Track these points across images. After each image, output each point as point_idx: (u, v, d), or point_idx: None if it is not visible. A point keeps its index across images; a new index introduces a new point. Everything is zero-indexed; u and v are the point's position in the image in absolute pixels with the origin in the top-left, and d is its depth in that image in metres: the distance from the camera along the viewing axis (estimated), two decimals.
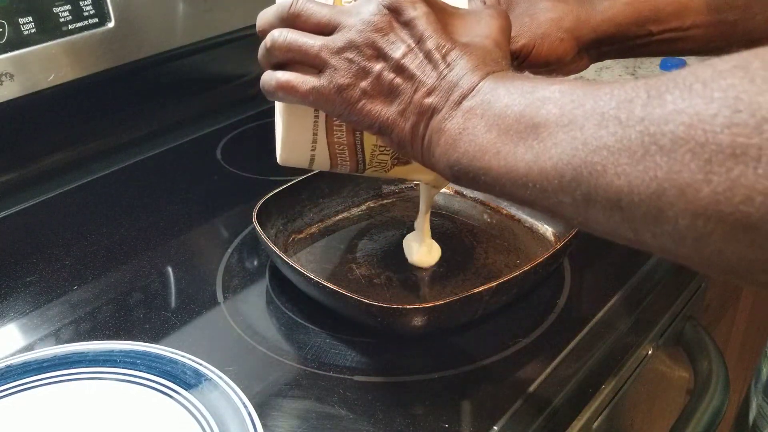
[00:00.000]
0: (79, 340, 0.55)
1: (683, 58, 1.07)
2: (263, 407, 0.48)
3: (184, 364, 0.50)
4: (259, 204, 0.62)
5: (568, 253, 0.61)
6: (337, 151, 0.52)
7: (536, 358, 0.52)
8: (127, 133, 0.86)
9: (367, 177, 0.63)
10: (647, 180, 0.29)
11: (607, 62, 1.09)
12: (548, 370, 0.51)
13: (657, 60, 1.08)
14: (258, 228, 0.59)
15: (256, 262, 0.64)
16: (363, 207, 0.71)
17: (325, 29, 0.44)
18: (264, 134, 0.91)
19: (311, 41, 0.44)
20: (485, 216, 0.69)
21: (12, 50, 0.69)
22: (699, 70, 0.29)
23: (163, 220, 0.71)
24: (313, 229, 0.67)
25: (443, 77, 0.42)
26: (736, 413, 0.73)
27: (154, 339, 0.55)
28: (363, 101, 0.43)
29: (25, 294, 0.61)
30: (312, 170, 0.59)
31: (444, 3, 0.46)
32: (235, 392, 0.47)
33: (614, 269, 0.63)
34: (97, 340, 0.54)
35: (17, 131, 0.76)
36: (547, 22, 0.56)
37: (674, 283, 0.65)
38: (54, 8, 0.71)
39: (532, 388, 0.50)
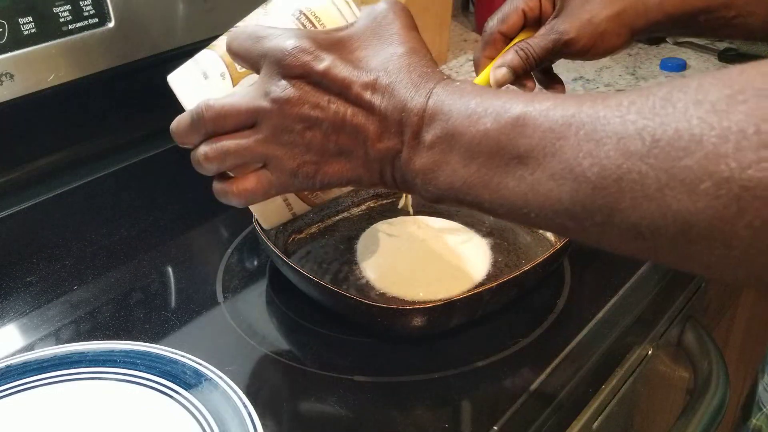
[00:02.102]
0: (79, 340, 0.55)
1: (683, 58, 1.07)
2: (263, 407, 0.48)
3: (184, 364, 0.50)
4: None
5: (568, 253, 0.61)
6: (312, 195, 0.52)
7: (536, 358, 0.52)
8: (127, 133, 0.86)
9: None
10: (670, 213, 0.29)
11: (607, 62, 1.09)
12: (548, 370, 0.51)
13: (657, 60, 1.08)
14: (258, 228, 0.59)
15: (256, 262, 0.64)
16: (363, 207, 0.71)
17: (247, 123, 0.42)
18: None
19: (243, 142, 0.42)
20: (485, 216, 0.69)
21: (12, 50, 0.69)
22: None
23: (163, 220, 0.71)
24: (313, 229, 0.67)
25: (385, 116, 0.39)
26: (742, 402, 0.73)
27: (154, 339, 0.55)
28: (321, 170, 0.42)
29: (25, 294, 0.61)
30: None
31: (335, 34, 0.43)
32: (235, 392, 0.47)
33: (614, 269, 0.63)
34: (97, 340, 0.54)
35: (17, 131, 0.76)
36: (606, 20, 0.56)
37: (674, 283, 0.65)
38: (54, 8, 0.71)
39: (532, 388, 0.50)
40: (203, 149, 0.44)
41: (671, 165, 0.28)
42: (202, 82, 0.49)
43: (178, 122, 0.47)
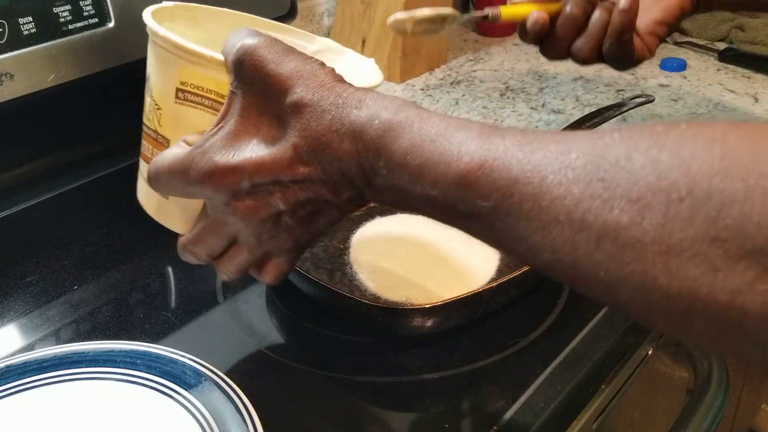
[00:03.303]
0: (79, 340, 0.55)
1: (683, 58, 1.07)
2: (263, 407, 0.48)
3: (184, 364, 0.50)
4: None
5: None
6: None
7: (536, 358, 0.52)
8: (128, 133, 0.85)
9: None
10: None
11: None
12: (548, 370, 0.51)
13: (657, 60, 1.08)
14: None
15: None
16: (363, 207, 0.71)
17: (227, 243, 0.44)
18: None
19: (241, 258, 0.44)
20: None
21: (12, 50, 0.69)
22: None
23: None
24: None
25: (329, 179, 0.38)
26: None
27: (154, 339, 0.55)
28: (312, 232, 0.43)
29: (25, 294, 0.61)
30: None
31: (225, 129, 0.40)
32: (235, 392, 0.47)
33: None
34: (97, 340, 0.54)
35: (17, 131, 0.76)
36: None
37: None
38: (54, 8, 0.71)
39: (532, 388, 0.50)
40: (220, 272, 0.46)
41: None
42: (164, 202, 0.49)
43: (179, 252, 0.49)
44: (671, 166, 0.27)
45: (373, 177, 0.37)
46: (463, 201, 0.33)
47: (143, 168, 0.49)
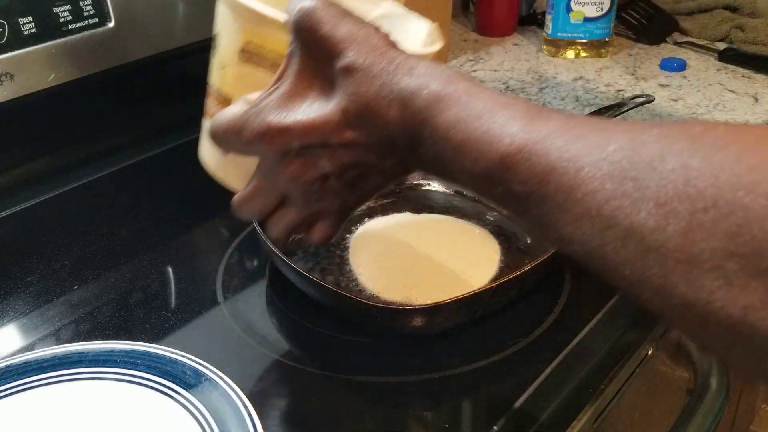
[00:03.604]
0: (79, 340, 0.55)
1: (683, 58, 1.07)
2: (263, 407, 0.48)
3: (184, 364, 0.50)
4: None
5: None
6: None
7: (536, 358, 0.52)
8: (127, 133, 0.86)
9: None
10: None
11: (607, 62, 1.09)
12: (548, 370, 0.51)
13: (657, 60, 1.08)
14: (258, 228, 0.59)
15: (256, 262, 0.64)
16: (363, 207, 0.71)
17: (277, 203, 0.45)
18: None
19: (291, 218, 0.45)
20: (485, 215, 0.69)
21: (12, 50, 0.69)
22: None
23: (163, 220, 0.71)
24: None
25: (376, 145, 0.39)
26: None
27: (154, 339, 0.55)
28: (358, 196, 0.44)
29: (25, 294, 0.61)
30: None
31: (281, 90, 0.41)
32: (235, 392, 0.47)
33: None
34: (97, 340, 0.54)
35: (17, 131, 0.76)
36: None
37: None
38: (54, 8, 0.71)
39: (532, 388, 0.50)
40: (268, 227, 0.48)
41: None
42: (222, 158, 0.50)
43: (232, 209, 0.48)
44: (701, 173, 0.27)
45: (417, 146, 0.37)
46: (501, 182, 0.34)
47: (206, 125, 0.51)
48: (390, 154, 0.40)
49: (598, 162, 0.30)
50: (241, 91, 0.44)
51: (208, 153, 0.53)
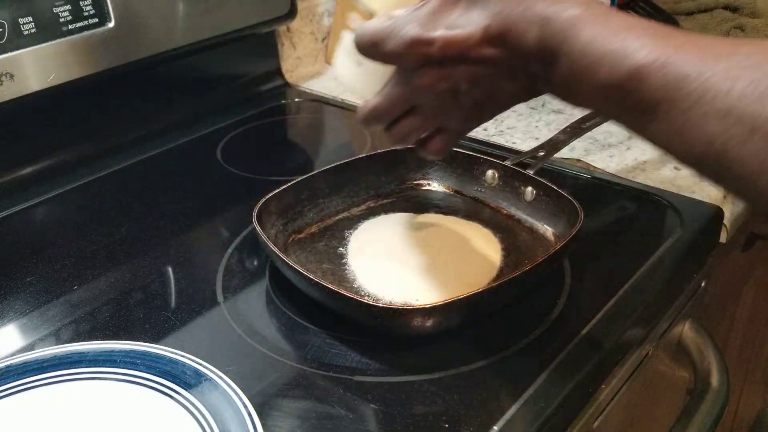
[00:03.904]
0: (79, 340, 0.55)
1: None
2: (263, 407, 0.48)
3: (184, 364, 0.50)
4: (259, 204, 0.62)
5: (568, 253, 0.61)
6: None
7: (536, 358, 0.52)
8: (127, 133, 0.86)
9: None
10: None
11: None
12: (548, 370, 0.51)
13: None
14: (258, 228, 0.59)
15: (256, 262, 0.64)
16: (363, 207, 0.71)
17: (405, 110, 0.50)
18: (264, 134, 0.91)
19: (414, 124, 0.51)
20: (485, 216, 0.69)
21: (12, 50, 0.69)
22: None
23: (163, 220, 0.71)
24: (313, 229, 0.67)
25: (509, 63, 0.43)
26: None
27: (154, 339, 0.55)
28: (480, 115, 0.50)
29: (25, 294, 0.61)
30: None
31: (430, 5, 0.45)
32: (235, 392, 0.47)
33: (614, 269, 0.63)
34: (97, 340, 0.54)
35: (17, 131, 0.76)
36: None
37: (674, 283, 0.65)
38: (54, 8, 0.71)
39: (532, 388, 0.50)
40: (392, 133, 0.52)
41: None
42: (357, 69, 0.54)
43: (358, 117, 0.53)
44: None
45: (551, 66, 0.40)
46: (634, 93, 0.37)
47: (346, 38, 0.54)
48: (522, 74, 0.44)
49: (727, 67, 0.34)
50: (386, 7, 0.49)
51: (343, 64, 0.56)
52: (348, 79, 0.56)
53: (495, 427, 0.47)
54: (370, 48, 0.47)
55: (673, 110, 0.35)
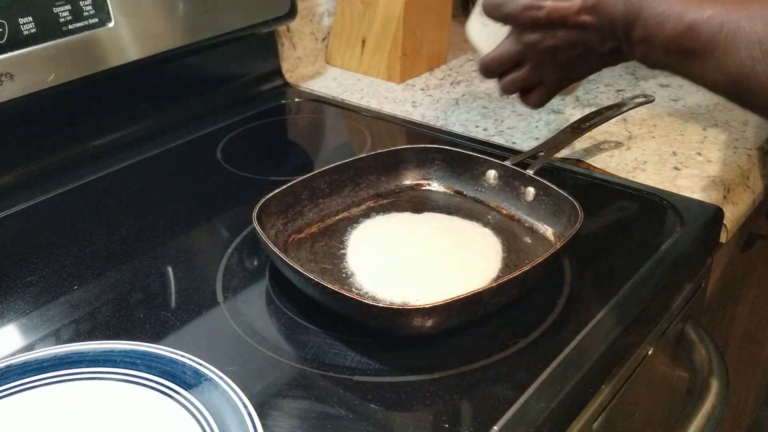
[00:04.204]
0: (79, 340, 0.55)
1: None
2: (263, 407, 0.48)
3: (184, 364, 0.50)
4: (259, 204, 0.62)
5: (568, 253, 0.61)
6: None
7: (536, 358, 0.53)
8: (127, 133, 0.86)
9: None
10: None
11: None
12: (548, 370, 0.51)
13: None
14: (258, 228, 0.59)
15: (256, 262, 0.64)
16: (363, 207, 0.71)
17: (515, 62, 0.66)
18: (264, 134, 0.91)
19: (520, 75, 0.67)
20: (485, 215, 0.69)
21: (12, 50, 0.69)
22: None
23: (163, 220, 0.71)
24: (313, 229, 0.67)
25: (600, 28, 0.58)
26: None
27: (154, 339, 0.55)
28: (572, 73, 0.66)
29: (25, 294, 0.61)
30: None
31: None
32: (235, 392, 0.47)
33: (614, 269, 0.63)
34: (97, 340, 0.54)
35: (17, 131, 0.76)
36: None
37: (674, 283, 0.65)
38: (54, 8, 0.71)
39: (532, 388, 0.50)
40: (502, 83, 0.68)
41: None
42: (483, 30, 0.70)
43: (479, 68, 0.70)
44: None
45: (632, 29, 0.55)
46: (690, 41, 0.51)
47: (477, 4, 0.69)
48: (609, 38, 0.58)
49: (749, 14, 0.49)
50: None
51: (474, 27, 0.72)
52: (476, 39, 0.72)
53: (495, 427, 0.47)
54: (493, 9, 0.63)
55: (717, 49, 0.50)
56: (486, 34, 0.69)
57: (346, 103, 0.98)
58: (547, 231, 0.66)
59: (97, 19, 0.75)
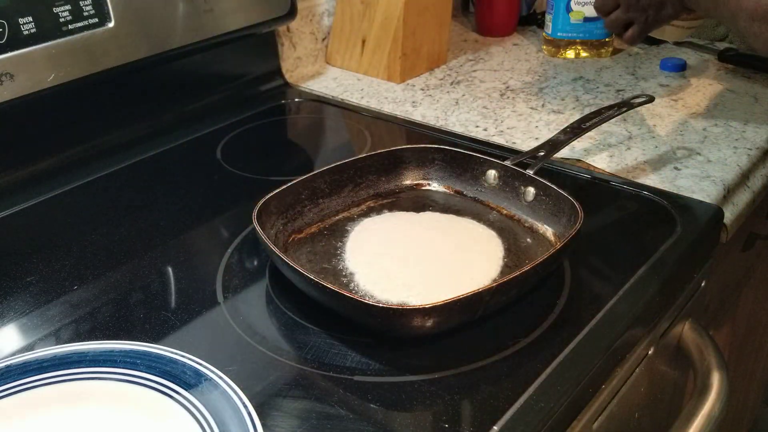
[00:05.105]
0: (79, 340, 0.55)
1: (683, 58, 1.07)
2: (263, 407, 0.48)
3: (184, 364, 0.50)
4: (259, 204, 0.62)
5: (568, 253, 0.61)
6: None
7: (536, 358, 0.53)
8: (127, 133, 0.86)
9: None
10: None
11: (607, 62, 1.09)
12: (548, 370, 0.51)
13: (657, 60, 1.08)
14: (258, 228, 0.59)
15: (256, 262, 0.64)
16: (363, 206, 0.71)
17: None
18: (264, 134, 0.91)
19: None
20: (485, 215, 0.69)
21: (12, 50, 0.69)
22: None
23: (163, 220, 0.71)
24: (313, 229, 0.67)
25: None
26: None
27: (154, 339, 0.55)
28: (656, 16, 0.86)
29: (25, 294, 0.61)
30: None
31: None
32: (235, 392, 0.47)
33: (614, 269, 0.63)
34: (97, 340, 0.54)
35: (17, 131, 0.76)
36: None
37: (674, 283, 0.65)
38: (54, 8, 0.71)
39: (532, 388, 0.50)
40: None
41: None
42: None
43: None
44: None
45: None
46: None
47: None
48: None
49: None
50: None
51: None
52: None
53: (495, 427, 0.47)
54: None
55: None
56: None
57: (346, 103, 0.98)
58: (547, 231, 0.66)
59: (97, 19, 0.75)
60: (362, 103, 0.98)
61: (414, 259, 0.62)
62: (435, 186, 0.74)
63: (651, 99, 0.81)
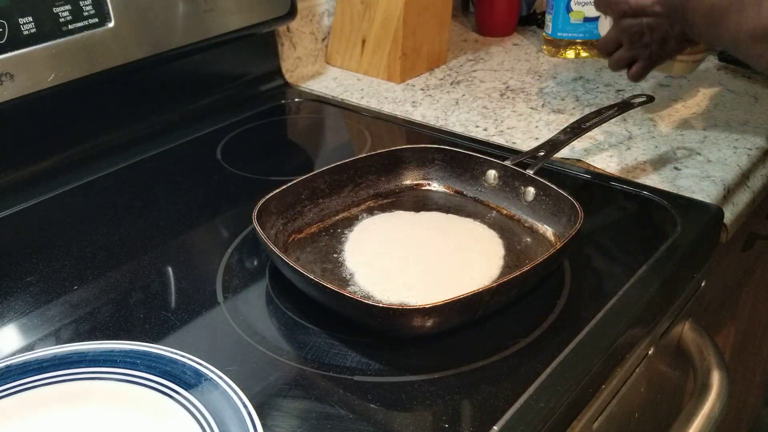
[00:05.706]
0: (79, 340, 0.55)
1: None
2: (263, 407, 0.48)
3: (184, 364, 0.50)
4: (259, 204, 0.62)
5: (568, 253, 0.61)
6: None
7: (536, 358, 0.53)
8: (127, 133, 0.86)
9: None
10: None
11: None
12: (548, 370, 0.51)
13: None
14: (258, 228, 0.59)
15: (256, 262, 0.64)
16: (363, 206, 0.71)
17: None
18: (264, 134, 0.91)
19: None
20: (485, 215, 0.69)
21: (12, 50, 0.69)
22: None
23: (163, 220, 0.71)
24: (313, 229, 0.67)
25: (668, 15, 0.76)
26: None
27: (154, 339, 0.55)
28: (659, 50, 0.81)
29: (25, 294, 0.61)
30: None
31: None
32: (235, 392, 0.47)
33: (614, 269, 0.63)
34: (97, 340, 0.54)
35: (17, 131, 0.76)
36: None
37: (674, 283, 0.65)
38: (54, 8, 0.71)
39: (532, 388, 0.50)
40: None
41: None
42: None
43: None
44: None
45: (686, 14, 0.72)
46: (724, 12, 0.67)
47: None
48: (676, 23, 0.75)
49: (747, 6, 0.65)
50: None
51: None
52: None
53: (495, 427, 0.47)
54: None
55: (729, 16, 0.66)
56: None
57: (346, 103, 0.98)
58: (547, 231, 0.66)
59: (97, 19, 0.75)
60: (362, 103, 0.98)
61: (414, 259, 0.62)
62: (435, 186, 0.74)
63: (651, 99, 0.81)
